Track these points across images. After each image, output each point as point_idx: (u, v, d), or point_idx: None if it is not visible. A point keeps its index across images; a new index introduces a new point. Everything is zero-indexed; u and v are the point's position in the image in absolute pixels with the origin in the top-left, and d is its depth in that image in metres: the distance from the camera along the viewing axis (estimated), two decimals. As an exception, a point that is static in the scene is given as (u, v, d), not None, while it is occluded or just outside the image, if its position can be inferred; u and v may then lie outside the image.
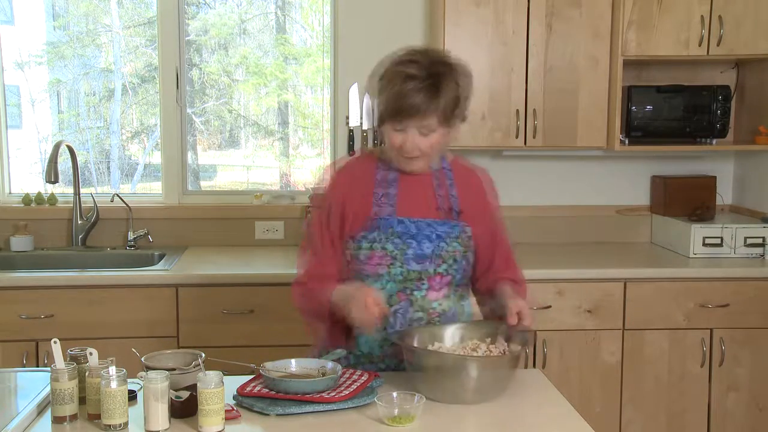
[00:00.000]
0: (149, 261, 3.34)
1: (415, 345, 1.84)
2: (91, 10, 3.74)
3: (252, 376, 1.83)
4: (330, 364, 1.79)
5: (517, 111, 3.26)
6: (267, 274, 2.95)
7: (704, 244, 3.27)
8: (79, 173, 3.47)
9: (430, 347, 1.83)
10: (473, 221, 1.98)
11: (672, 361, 3.12)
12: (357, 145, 3.47)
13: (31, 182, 3.72)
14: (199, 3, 3.79)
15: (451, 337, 1.90)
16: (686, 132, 3.37)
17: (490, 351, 1.82)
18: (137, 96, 3.85)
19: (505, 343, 1.86)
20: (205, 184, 3.87)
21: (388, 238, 1.91)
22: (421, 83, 1.80)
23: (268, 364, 1.79)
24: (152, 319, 2.92)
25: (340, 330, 1.95)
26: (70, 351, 1.73)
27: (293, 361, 1.83)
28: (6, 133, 3.59)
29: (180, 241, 3.51)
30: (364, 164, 2.01)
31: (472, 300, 2.12)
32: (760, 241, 3.27)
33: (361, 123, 3.46)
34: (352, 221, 1.93)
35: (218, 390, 1.56)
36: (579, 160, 3.67)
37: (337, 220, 1.95)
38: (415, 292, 1.93)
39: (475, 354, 1.81)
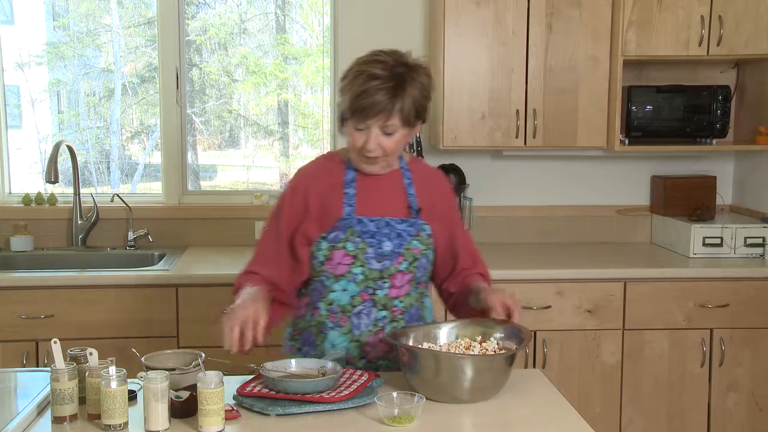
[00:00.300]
0: (149, 261, 3.34)
1: (410, 344, 1.84)
2: (91, 10, 3.74)
3: (252, 376, 1.83)
4: (330, 364, 1.79)
5: (517, 111, 3.26)
6: (267, 274, 2.95)
7: (704, 244, 3.27)
8: (79, 173, 3.48)
9: (420, 347, 1.83)
10: (432, 220, 1.99)
11: (672, 361, 3.12)
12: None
13: (31, 182, 3.72)
14: (199, 3, 3.79)
15: (446, 335, 1.90)
16: (686, 132, 3.37)
17: (486, 349, 1.82)
18: (137, 96, 3.85)
19: (501, 341, 1.86)
20: (205, 184, 3.87)
21: (347, 238, 1.90)
22: (384, 83, 1.80)
23: (268, 364, 1.79)
24: (152, 319, 2.92)
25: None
26: (70, 351, 1.73)
27: (293, 361, 1.83)
28: (6, 133, 3.59)
29: (180, 241, 3.51)
30: (329, 165, 2.01)
31: (434, 296, 2.13)
32: (760, 241, 3.27)
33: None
34: (322, 222, 1.93)
35: (218, 390, 1.56)
36: (579, 160, 3.67)
37: (293, 222, 1.95)
38: (378, 291, 1.92)
39: (470, 353, 1.81)
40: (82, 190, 3.48)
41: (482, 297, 1.91)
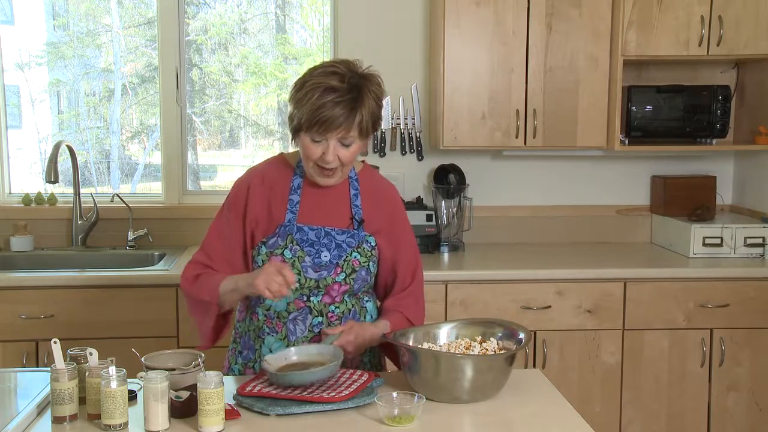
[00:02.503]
0: (149, 261, 3.34)
1: (410, 344, 1.84)
2: (91, 10, 3.74)
3: (252, 376, 1.83)
4: (331, 349, 1.79)
5: (517, 111, 3.26)
6: (267, 274, 2.95)
7: (704, 244, 3.27)
8: (79, 173, 3.48)
9: (420, 347, 1.83)
10: (377, 233, 1.98)
11: (672, 361, 3.12)
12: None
13: (31, 182, 3.72)
14: (199, 3, 3.79)
15: (446, 335, 1.91)
16: (686, 132, 3.37)
17: (486, 349, 1.83)
18: (137, 96, 3.85)
19: (501, 341, 1.86)
20: (205, 184, 3.87)
21: (286, 245, 1.90)
22: (342, 96, 1.80)
23: (269, 357, 1.79)
24: (152, 319, 2.92)
25: (221, 325, 1.95)
26: (70, 351, 1.73)
27: (293, 349, 1.82)
28: (6, 133, 3.59)
29: (180, 241, 3.51)
30: (278, 169, 2.00)
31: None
32: (760, 241, 3.27)
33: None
34: (266, 226, 1.93)
35: (218, 390, 1.56)
36: (579, 160, 3.67)
37: (240, 220, 1.95)
38: (312, 298, 1.92)
39: (470, 353, 1.81)
40: (82, 190, 3.48)
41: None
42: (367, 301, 2.02)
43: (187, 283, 1.96)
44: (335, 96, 1.79)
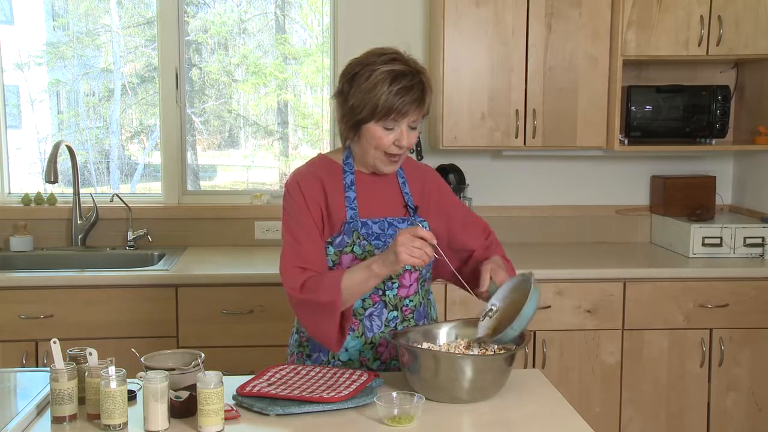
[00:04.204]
0: (149, 261, 3.34)
1: (410, 344, 1.84)
2: (91, 10, 3.74)
3: (252, 376, 1.83)
4: (514, 280, 1.86)
5: (517, 111, 3.26)
6: (267, 274, 2.95)
7: (704, 244, 3.27)
8: (79, 173, 3.48)
9: (419, 347, 1.83)
10: (429, 216, 2.01)
11: (672, 361, 3.12)
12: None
13: (30, 182, 3.72)
14: (199, 2, 3.79)
15: (445, 335, 1.91)
16: (686, 132, 3.37)
17: (485, 349, 1.83)
18: (137, 96, 3.85)
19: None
20: (204, 184, 3.87)
21: (354, 241, 1.90)
22: (413, 79, 1.81)
23: (482, 334, 1.84)
24: (152, 319, 2.92)
25: (344, 323, 1.88)
26: (70, 351, 1.73)
27: (486, 312, 1.87)
28: (6, 133, 3.59)
29: (180, 241, 3.51)
30: (327, 169, 1.97)
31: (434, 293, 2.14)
32: (759, 241, 3.27)
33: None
34: (328, 226, 1.91)
35: (218, 390, 1.56)
36: (579, 160, 3.68)
37: (306, 212, 1.89)
38: (387, 292, 1.93)
39: (469, 353, 1.82)
40: (81, 190, 3.48)
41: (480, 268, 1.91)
42: (430, 293, 2.08)
43: (296, 291, 1.83)
44: (407, 81, 1.80)
